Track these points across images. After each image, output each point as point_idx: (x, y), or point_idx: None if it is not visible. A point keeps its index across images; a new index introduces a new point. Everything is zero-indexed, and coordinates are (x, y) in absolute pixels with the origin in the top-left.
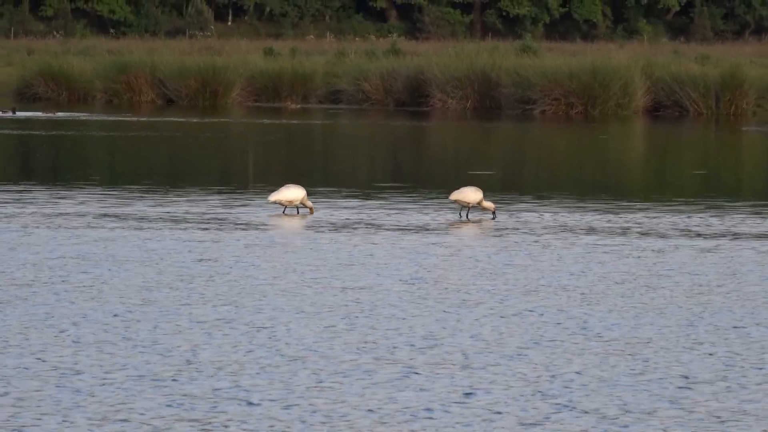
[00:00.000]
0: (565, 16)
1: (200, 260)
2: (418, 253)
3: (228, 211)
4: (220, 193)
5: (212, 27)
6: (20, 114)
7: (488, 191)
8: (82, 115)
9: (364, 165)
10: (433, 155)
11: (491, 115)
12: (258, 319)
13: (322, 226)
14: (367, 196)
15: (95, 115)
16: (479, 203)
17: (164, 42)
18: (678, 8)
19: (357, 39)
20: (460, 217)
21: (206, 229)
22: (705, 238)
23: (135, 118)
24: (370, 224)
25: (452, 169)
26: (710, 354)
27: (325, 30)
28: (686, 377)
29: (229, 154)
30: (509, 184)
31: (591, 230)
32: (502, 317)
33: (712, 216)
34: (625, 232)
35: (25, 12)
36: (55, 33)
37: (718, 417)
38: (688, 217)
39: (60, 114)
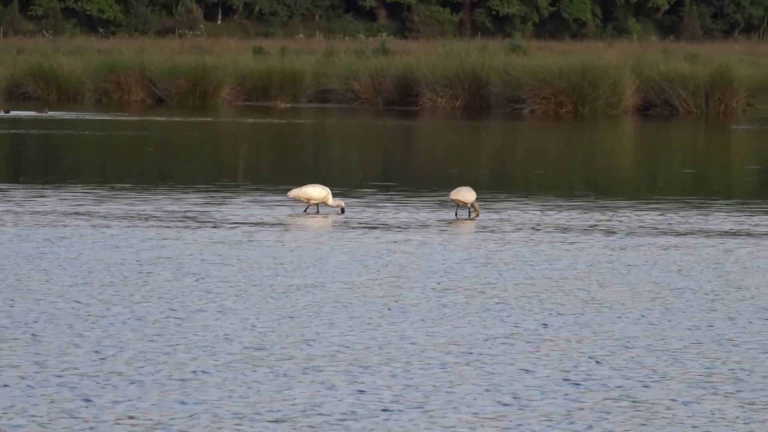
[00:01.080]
0: (554, 15)
1: (157, 257)
2: (380, 251)
3: (203, 209)
4: (201, 191)
5: (202, 26)
6: (13, 113)
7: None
8: (73, 114)
9: (351, 164)
10: (421, 154)
11: (481, 114)
12: (183, 316)
13: (294, 224)
14: (349, 195)
15: (87, 114)
16: (472, 204)
17: (154, 41)
18: (667, 7)
19: (346, 38)
20: (456, 216)
21: (167, 227)
22: (676, 235)
23: (126, 117)
24: (344, 223)
25: (440, 169)
26: (627, 347)
27: (315, 29)
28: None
29: (217, 154)
30: (496, 183)
31: (564, 228)
32: (430, 314)
33: (691, 214)
34: (596, 229)
35: (15, 11)
36: (44, 32)
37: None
38: (668, 215)
39: (52, 113)
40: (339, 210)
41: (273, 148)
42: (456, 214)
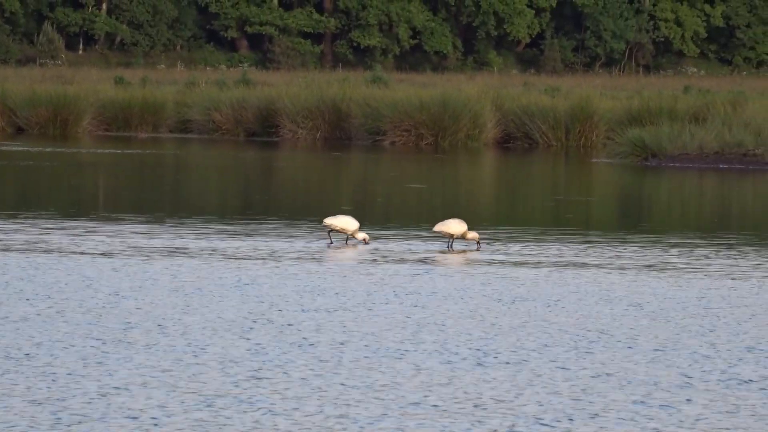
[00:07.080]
0: (415, 47)
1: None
2: (246, 281)
3: (42, 237)
4: (47, 219)
5: (63, 56)
6: None
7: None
8: None
9: (209, 195)
10: (279, 185)
11: (341, 145)
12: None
13: (135, 253)
14: (201, 225)
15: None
16: (463, 235)
17: (15, 70)
18: (528, 40)
19: (208, 69)
20: (448, 248)
21: None
22: (499, 266)
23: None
24: (185, 251)
25: (299, 199)
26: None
27: (176, 59)
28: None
29: (75, 184)
30: (353, 213)
31: (394, 259)
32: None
33: (532, 245)
34: (428, 260)
35: None
36: None
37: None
38: (506, 245)
39: None
40: (363, 242)
41: (133, 178)
42: (448, 246)
